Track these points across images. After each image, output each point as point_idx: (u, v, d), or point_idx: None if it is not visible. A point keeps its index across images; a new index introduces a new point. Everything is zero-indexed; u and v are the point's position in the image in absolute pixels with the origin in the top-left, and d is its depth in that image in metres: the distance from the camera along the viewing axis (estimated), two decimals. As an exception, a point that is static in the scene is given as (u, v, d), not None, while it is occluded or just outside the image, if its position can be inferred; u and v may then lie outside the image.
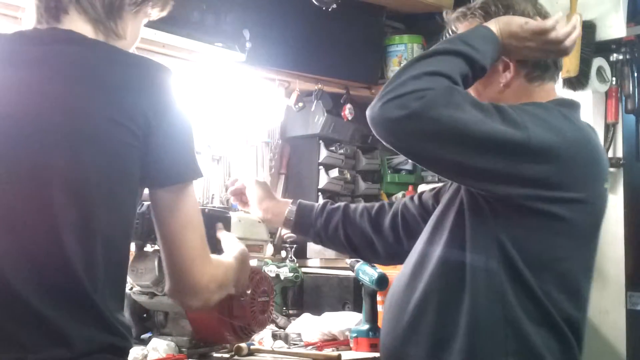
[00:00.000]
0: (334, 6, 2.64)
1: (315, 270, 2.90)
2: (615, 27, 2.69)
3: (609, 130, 2.78)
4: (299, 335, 2.41)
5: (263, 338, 2.26)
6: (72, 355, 1.23)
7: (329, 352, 2.25)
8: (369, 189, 3.25)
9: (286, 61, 2.85)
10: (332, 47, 2.96)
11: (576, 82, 2.67)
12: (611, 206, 2.12)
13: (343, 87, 3.09)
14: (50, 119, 1.27)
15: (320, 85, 3.00)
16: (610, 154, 2.77)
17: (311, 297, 2.80)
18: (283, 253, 2.89)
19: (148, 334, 2.14)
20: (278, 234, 2.92)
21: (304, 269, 2.86)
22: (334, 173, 3.12)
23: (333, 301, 2.72)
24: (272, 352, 2.17)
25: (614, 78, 2.77)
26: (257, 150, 3.13)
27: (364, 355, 2.29)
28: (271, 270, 2.69)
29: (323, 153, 3.11)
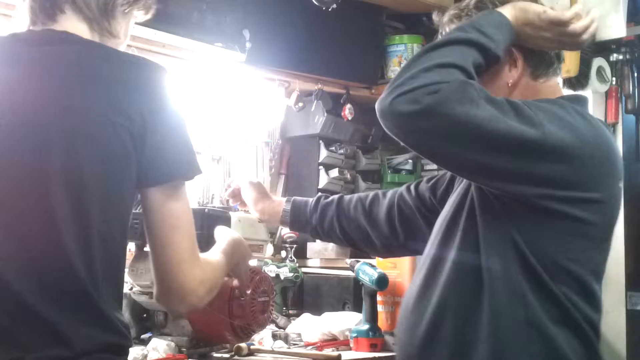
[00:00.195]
0: (334, 6, 2.63)
1: (315, 270, 2.89)
2: (615, 27, 2.68)
3: (609, 130, 2.78)
4: (299, 335, 2.41)
5: (263, 338, 2.26)
6: (72, 354, 1.23)
7: (329, 352, 2.25)
8: (369, 189, 3.24)
9: (286, 61, 2.85)
10: (332, 47, 2.96)
11: (576, 82, 2.67)
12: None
13: (343, 87, 3.08)
14: (47, 119, 1.27)
15: (320, 85, 2.99)
16: (610, 154, 2.76)
17: (311, 297, 2.79)
18: (283, 253, 2.89)
19: (148, 334, 2.14)
20: (278, 234, 2.92)
21: (304, 269, 2.86)
22: (334, 173, 3.12)
23: (333, 301, 2.72)
24: (272, 352, 2.17)
25: (614, 78, 2.77)
26: (257, 150, 3.13)
27: (364, 355, 2.30)
28: (271, 270, 2.69)
29: (323, 153, 3.11)
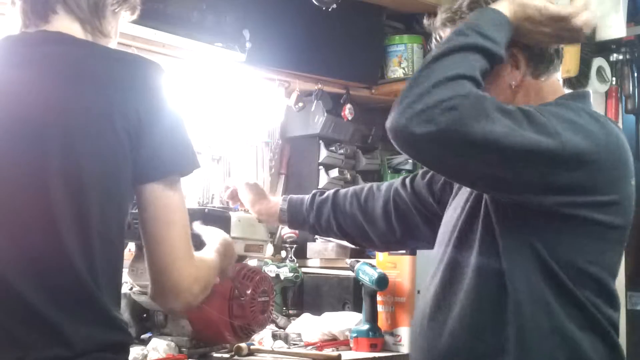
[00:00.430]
0: (334, 6, 2.63)
1: (315, 270, 2.89)
2: (615, 27, 2.69)
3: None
4: (299, 335, 2.40)
5: (263, 338, 2.26)
6: (72, 353, 1.23)
7: (329, 352, 2.25)
8: (369, 189, 3.25)
9: (286, 61, 2.85)
10: (332, 47, 2.96)
11: (576, 82, 2.66)
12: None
13: (343, 87, 3.08)
14: (44, 119, 1.27)
15: (320, 85, 2.99)
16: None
17: (311, 297, 2.79)
18: (283, 253, 2.89)
19: (148, 334, 2.14)
20: (278, 234, 2.92)
21: (304, 269, 2.85)
22: (334, 173, 3.11)
23: (333, 301, 2.72)
24: (272, 352, 2.17)
25: (614, 78, 2.77)
26: (257, 150, 3.13)
27: (364, 355, 2.29)
28: (271, 270, 2.69)
29: (323, 153, 3.11)
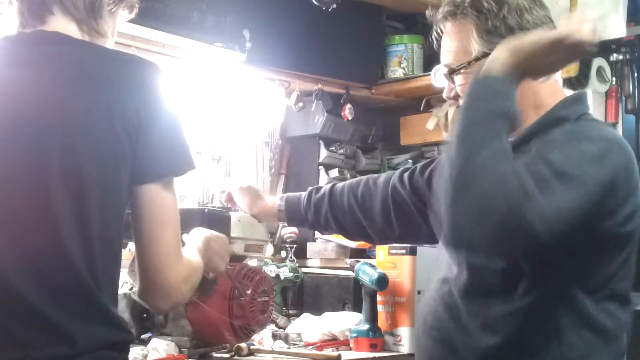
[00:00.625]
0: (334, 6, 2.63)
1: (315, 270, 2.89)
2: (615, 27, 2.68)
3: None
4: (299, 335, 2.40)
5: (263, 338, 2.26)
6: (74, 352, 1.24)
7: (329, 352, 2.25)
8: (369, 189, 3.24)
9: (286, 61, 2.85)
10: (332, 47, 2.96)
11: (576, 82, 2.66)
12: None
13: (343, 87, 3.08)
14: (44, 120, 1.27)
15: (320, 85, 2.99)
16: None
17: (311, 297, 2.79)
18: (283, 253, 2.89)
19: (148, 334, 2.14)
20: (278, 234, 2.92)
21: (304, 269, 2.85)
22: (334, 173, 3.12)
23: (333, 301, 2.72)
24: (272, 352, 2.17)
25: (614, 78, 2.76)
26: (257, 150, 3.13)
27: (364, 355, 2.29)
28: (271, 270, 2.69)
29: (323, 153, 3.11)
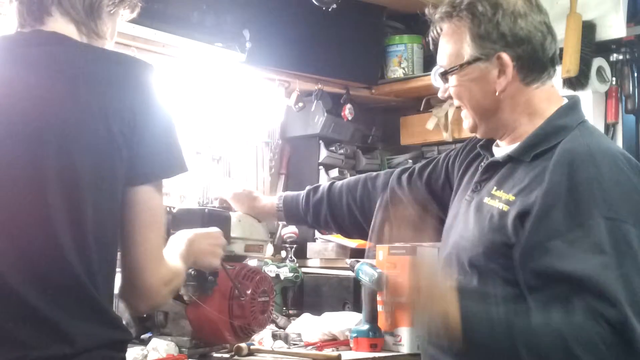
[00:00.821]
0: (334, 6, 2.63)
1: (315, 270, 2.89)
2: (615, 27, 2.68)
3: (609, 130, 2.77)
4: (299, 335, 2.40)
5: (263, 338, 2.26)
6: (74, 351, 1.24)
7: (329, 352, 2.25)
8: (369, 189, 3.24)
9: (286, 61, 2.85)
10: (332, 47, 2.96)
11: (576, 82, 2.67)
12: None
13: (343, 87, 3.08)
14: (40, 120, 1.28)
15: (320, 85, 2.99)
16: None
17: (311, 297, 2.79)
18: (283, 253, 2.89)
19: (148, 334, 2.14)
20: (278, 234, 2.92)
21: (304, 269, 2.85)
22: (334, 173, 3.12)
23: (333, 301, 2.72)
24: (272, 352, 2.17)
25: (614, 78, 2.76)
26: (257, 150, 3.13)
27: (364, 355, 2.29)
28: (271, 270, 2.69)
29: (323, 153, 3.11)
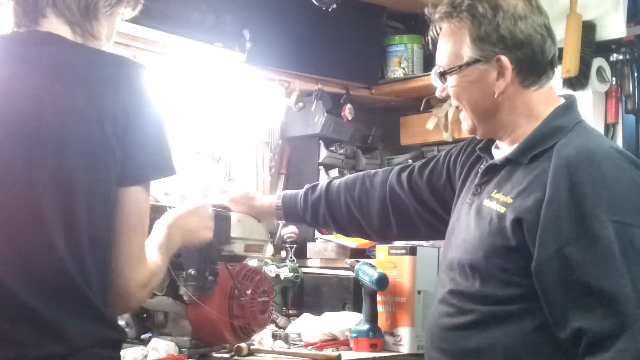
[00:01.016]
0: (334, 6, 2.63)
1: (315, 270, 2.89)
2: (615, 27, 2.68)
3: (609, 130, 2.77)
4: (299, 335, 2.40)
5: (263, 338, 2.26)
6: (70, 350, 1.25)
7: (329, 352, 2.25)
8: (369, 189, 3.24)
9: (286, 61, 2.85)
10: (332, 47, 2.96)
11: (576, 82, 2.66)
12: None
13: (343, 87, 3.08)
14: (40, 118, 1.28)
15: (320, 85, 2.99)
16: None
17: (311, 297, 2.79)
18: (283, 253, 2.89)
19: (148, 334, 2.14)
20: (278, 234, 2.92)
21: (304, 269, 2.85)
22: (334, 173, 3.11)
23: (333, 301, 2.71)
24: (272, 352, 2.17)
25: (614, 78, 2.76)
26: (257, 150, 3.13)
27: (364, 355, 2.29)
28: (271, 270, 2.69)
29: (323, 153, 3.11)
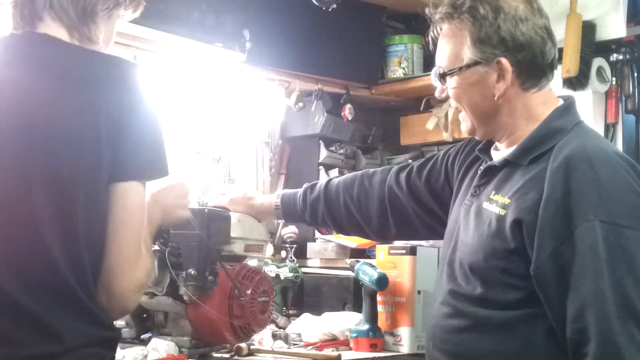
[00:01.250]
0: (334, 6, 2.63)
1: (315, 270, 2.89)
2: (615, 27, 2.68)
3: (609, 130, 2.77)
4: (299, 335, 2.40)
5: (263, 338, 2.26)
6: (63, 349, 1.25)
7: (329, 352, 2.25)
8: (369, 189, 3.24)
9: (286, 61, 2.85)
10: (332, 47, 2.96)
11: (576, 82, 2.66)
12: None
13: (343, 87, 3.08)
14: (29, 117, 1.29)
15: (320, 85, 2.99)
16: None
17: (311, 297, 2.79)
18: (283, 253, 2.89)
19: (148, 334, 2.14)
20: (278, 234, 2.92)
21: (304, 269, 2.85)
22: (334, 173, 3.11)
23: (333, 301, 2.72)
24: (272, 352, 2.17)
25: (614, 78, 2.76)
26: (257, 150, 3.13)
27: (364, 355, 2.29)
28: (271, 270, 2.69)
29: (323, 153, 3.11)
